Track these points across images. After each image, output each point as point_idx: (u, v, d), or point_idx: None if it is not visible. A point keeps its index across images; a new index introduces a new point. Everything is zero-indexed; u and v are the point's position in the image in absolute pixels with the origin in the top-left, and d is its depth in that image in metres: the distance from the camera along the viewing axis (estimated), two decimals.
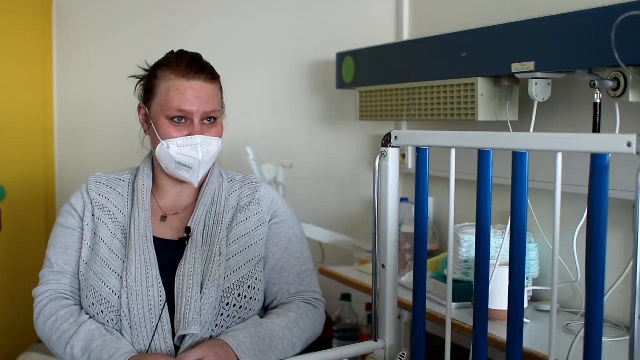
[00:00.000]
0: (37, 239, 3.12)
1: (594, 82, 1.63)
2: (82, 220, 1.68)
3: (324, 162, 2.90)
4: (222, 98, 1.71)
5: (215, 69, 1.69)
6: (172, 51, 1.71)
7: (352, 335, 2.57)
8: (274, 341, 1.57)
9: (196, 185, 1.69)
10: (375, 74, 2.42)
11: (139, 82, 1.74)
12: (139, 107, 1.72)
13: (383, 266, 1.62)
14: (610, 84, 1.62)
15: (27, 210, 3.11)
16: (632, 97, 1.59)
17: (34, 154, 3.15)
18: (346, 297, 2.60)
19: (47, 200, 3.19)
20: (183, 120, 1.62)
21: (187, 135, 1.62)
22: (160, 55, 1.72)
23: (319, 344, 1.75)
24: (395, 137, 1.56)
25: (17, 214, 3.06)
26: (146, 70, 1.73)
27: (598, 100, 1.66)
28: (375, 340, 1.65)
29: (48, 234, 3.09)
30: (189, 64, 1.64)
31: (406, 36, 2.62)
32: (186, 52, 1.69)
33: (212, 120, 1.65)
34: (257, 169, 2.56)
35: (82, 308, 1.63)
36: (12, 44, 3.04)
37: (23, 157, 3.10)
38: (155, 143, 1.66)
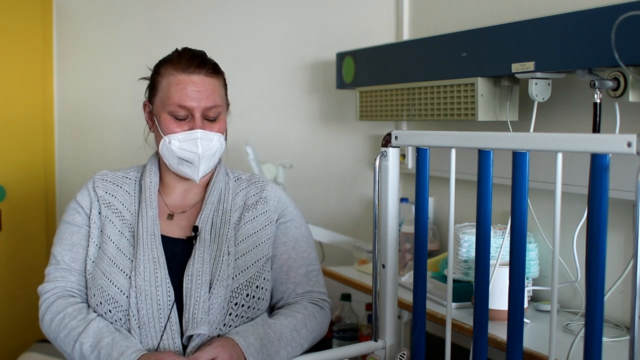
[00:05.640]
0: (37, 239, 3.12)
1: (594, 82, 1.63)
2: (89, 218, 1.67)
3: (324, 162, 2.90)
4: (225, 94, 1.70)
5: (218, 65, 1.68)
6: (177, 49, 1.70)
7: (352, 335, 2.57)
8: (282, 343, 1.58)
9: (197, 181, 1.68)
10: (375, 74, 2.42)
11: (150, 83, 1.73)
12: (144, 105, 1.72)
13: (383, 266, 1.62)
14: (610, 84, 1.62)
15: (27, 210, 3.11)
16: (632, 97, 1.59)
17: (34, 154, 3.15)
18: (346, 297, 2.60)
19: (47, 199, 3.19)
20: (184, 116, 1.62)
21: (188, 130, 1.62)
22: (159, 55, 1.72)
23: (319, 343, 1.75)
24: (395, 137, 1.56)
25: (17, 213, 3.06)
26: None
27: (598, 100, 1.66)
28: (375, 340, 1.65)
29: (48, 233, 3.13)
30: (190, 59, 1.64)
31: (406, 36, 2.62)
32: (190, 49, 1.69)
33: (214, 117, 1.65)
34: (257, 169, 2.56)
35: (89, 306, 1.63)
36: (12, 44, 3.03)
37: (23, 157, 3.10)
38: (158, 139, 1.67)
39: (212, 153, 1.65)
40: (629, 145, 1.09)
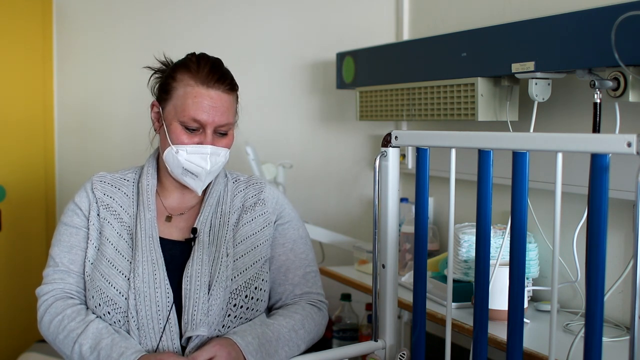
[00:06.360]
0: (37, 239, 3.12)
1: (594, 82, 1.63)
2: (88, 220, 1.66)
3: (324, 162, 2.90)
4: (236, 108, 1.69)
5: (235, 78, 1.66)
6: (194, 53, 1.67)
7: (352, 335, 2.57)
8: (280, 343, 1.58)
9: (199, 194, 1.68)
10: (375, 74, 2.42)
11: (154, 74, 1.71)
12: (152, 105, 1.69)
13: (383, 266, 1.62)
14: (610, 84, 1.62)
15: (27, 210, 3.11)
16: (632, 97, 1.59)
17: (34, 154, 3.15)
18: (346, 297, 2.60)
19: (47, 200, 3.19)
20: (196, 128, 1.61)
21: (197, 143, 1.61)
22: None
23: (319, 343, 1.75)
24: (395, 137, 1.56)
25: (17, 213, 3.06)
26: (164, 64, 1.70)
27: (598, 100, 1.66)
28: (375, 340, 1.65)
29: (48, 233, 3.12)
30: (211, 71, 1.61)
31: (406, 36, 2.62)
32: (208, 56, 1.66)
33: (224, 132, 1.64)
34: (257, 169, 2.56)
35: (88, 308, 1.63)
36: (12, 44, 3.04)
37: (23, 157, 3.10)
38: (164, 145, 1.65)
39: (218, 167, 1.65)
40: (629, 145, 1.09)
